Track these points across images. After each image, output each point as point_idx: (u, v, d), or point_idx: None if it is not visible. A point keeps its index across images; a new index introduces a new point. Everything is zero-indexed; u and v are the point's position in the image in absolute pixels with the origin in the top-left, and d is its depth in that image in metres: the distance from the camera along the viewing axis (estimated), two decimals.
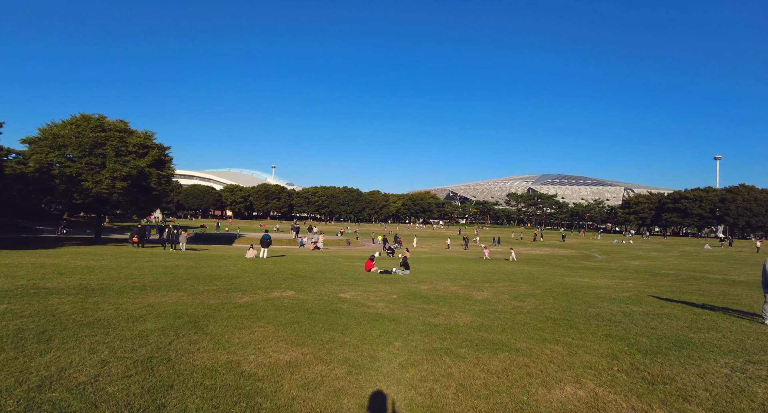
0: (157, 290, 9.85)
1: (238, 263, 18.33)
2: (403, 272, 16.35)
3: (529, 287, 13.28)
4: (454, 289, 12.21)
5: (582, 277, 17.28)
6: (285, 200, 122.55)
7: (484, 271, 19.08)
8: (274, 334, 6.15)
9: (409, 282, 13.56)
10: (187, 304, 8.22)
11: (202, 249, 27.37)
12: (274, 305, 8.40)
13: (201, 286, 10.90)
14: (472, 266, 21.87)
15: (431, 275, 15.99)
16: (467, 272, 17.92)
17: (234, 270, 15.39)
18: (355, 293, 10.48)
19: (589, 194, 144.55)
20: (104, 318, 6.68)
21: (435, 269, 19.61)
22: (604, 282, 15.43)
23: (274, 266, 17.46)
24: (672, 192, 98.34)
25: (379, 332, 6.50)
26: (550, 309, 9.07)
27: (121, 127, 28.81)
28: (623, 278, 17.31)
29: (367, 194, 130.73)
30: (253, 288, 10.87)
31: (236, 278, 12.90)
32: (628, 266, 26.55)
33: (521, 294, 11.40)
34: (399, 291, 11.20)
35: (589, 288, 13.37)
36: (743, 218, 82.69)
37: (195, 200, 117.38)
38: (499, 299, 10.49)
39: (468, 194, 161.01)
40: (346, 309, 8.23)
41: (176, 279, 12.09)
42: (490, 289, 12.37)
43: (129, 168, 26.80)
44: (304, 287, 11.45)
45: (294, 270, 16.09)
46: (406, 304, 9.12)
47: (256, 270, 15.64)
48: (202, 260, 18.97)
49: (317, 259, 23.33)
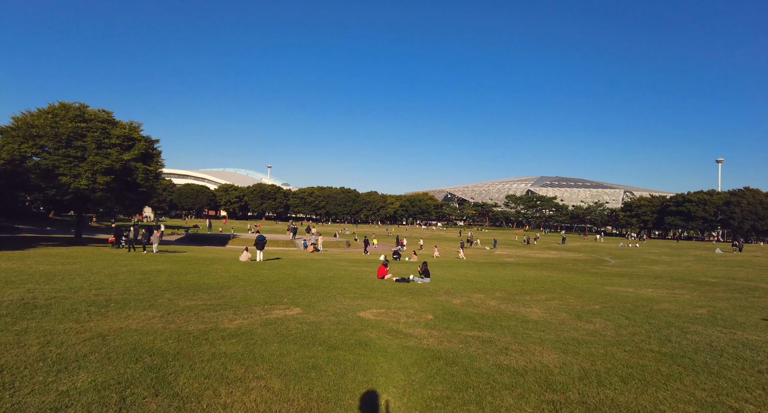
0: (122, 308, 7.54)
1: (230, 268, 16.01)
2: (422, 280, 14.10)
3: (578, 300, 11.09)
4: (493, 303, 10.00)
5: (621, 286, 15.12)
6: (281, 200, 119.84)
7: (508, 278, 16.88)
8: (282, 397, 3.89)
9: (435, 294, 11.32)
10: (156, 332, 5.93)
11: (180, 251, 24.86)
12: (277, 334, 6.12)
13: (182, 300, 8.60)
14: (491, 272, 19.66)
15: (454, 284, 13.76)
16: (492, 280, 15.70)
17: (226, 277, 13.07)
18: (379, 312, 8.22)
19: (587, 196, 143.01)
20: (13, 364, 4.36)
21: (452, 275, 17.39)
22: (654, 293, 13.28)
23: (272, 273, 15.16)
24: (675, 195, 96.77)
25: (442, 387, 4.26)
26: (644, 338, 6.86)
27: (103, 117, 26.33)
28: (669, 287, 15.16)
29: (365, 195, 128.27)
30: (247, 303, 8.59)
31: (228, 289, 10.60)
32: (653, 272, 24.49)
33: (580, 312, 9.19)
34: (431, 308, 8.96)
35: (646, 302, 11.20)
36: (748, 222, 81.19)
37: (188, 199, 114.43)
38: (560, 319, 8.28)
39: (466, 196, 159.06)
40: (376, 341, 5.97)
41: (153, 290, 9.77)
42: (536, 304, 10.17)
43: (111, 161, 24.34)
44: (312, 301, 9.18)
45: (296, 277, 13.79)
46: (453, 330, 6.88)
47: (252, 277, 13.33)
48: (189, 265, 16.63)
49: (319, 263, 21.05)
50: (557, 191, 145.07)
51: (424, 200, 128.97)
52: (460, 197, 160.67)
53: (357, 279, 14.20)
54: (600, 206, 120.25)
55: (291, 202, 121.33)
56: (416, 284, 13.37)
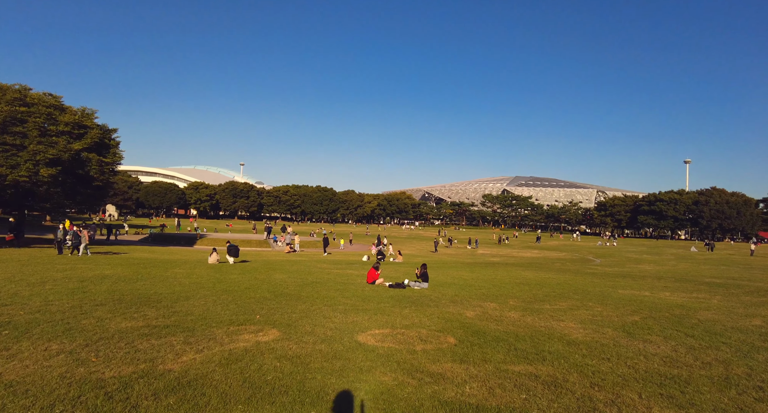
0: (18, 337, 5.28)
1: (193, 273, 13.65)
2: (420, 285, 12.19)
3: (606, 308, 9.43)
4: (515, 316, 8.19)
5: (633, 289, 13.64)
6: (254, 199, 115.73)
7: (509, 281, 15.20)
8: None
9: (440, 303, 9.43)
10: (43, 385, 3.75)
11: (122, 252, 22.09)
12: (245, 382, 4.06)
13: (116, 321, 6.38)
14: (487, 274, 17.97)
15: (456, 290, 11.92)
16: (493, 284, 13.96)
17: (185, 285, 10.77)
18: (383, 333, 6.26)
19: (562, 196, 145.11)
20: None
21: (447, 278, 15.57)
22: (676, 297, 11.83)
23: (243, 278, 12.91)
24: (647, 195, 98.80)
25: None
26: (746, 371, 5.15)
27: (49, 101, 23.19)
28: (684, 290, 13.78)
29: (342, 194, 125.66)
30: (207, 323, 6.46)
31: (185, 301, 8.38)
32: (647, 272, 23.49)
33: (625, 326, 7.49)
34: (446, 325, 7.06)
35: (682, 310, 9.68)
36: (716, 221, 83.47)
37: (156, 198, 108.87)
38: (611, 339, 6.53)
39: (443, 195, 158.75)
40: (397, 392, 3.99)
41: (82, 306, 7.46)
42: (564, 315, 8.42)
43: (58, 151, 21.35)
44: (292, 318, 7.11)
45: (272, 284, 11.62)
46: (494, 365, 4.97)
47: (218, 284, 11.08)
48: (145, 269, 14.16)
49: (297, 265, 18.86)
50: (532, 191, 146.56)
51: (402, 200, 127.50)
52: (437, 197, 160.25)
53: (344, 285, 12.15)
54: (575, 206, 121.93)
55: (265, 201, 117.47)
56: (413, 291, 11.45)
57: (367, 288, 11.68)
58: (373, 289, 11.56)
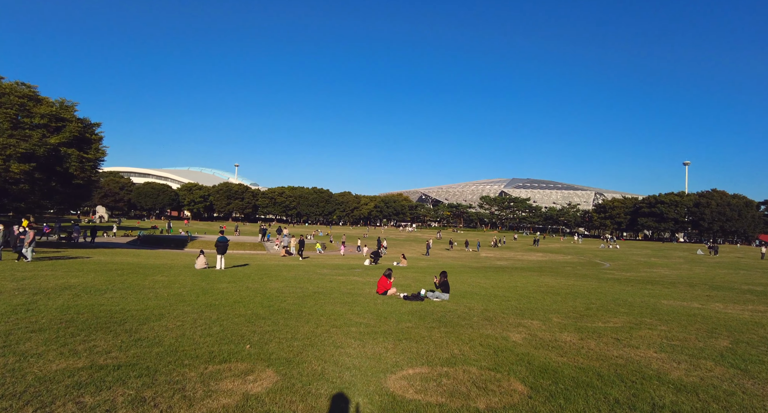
0: None
1: (176, 281, 11.83)
2: (440, 297, 10.45)
3: (675, 328, 7.74)
4: (573, 340, 6.50)
5: (678, 299, 11.99)
6: (249, 200, 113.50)
7: (534, 289, 13.52)
8: None
9: (471, 322, 7.69)
10: None
11: (81, 257, 20.27)
12: None
13: (49, 357, 4.58)
14: (505, 281, 16.28)
15: (482, 303, 10.19)
16: (520, 294, 12.25)
17: (163, 297, 8.96)
18: (419, 375, 4.52)
19: (559, 198, 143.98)
20: None
21: (465, 286, 13.83)
22: (736, 311, 10.17)
23: (233, 288, 11.11)
24: (647, 197, 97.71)
25: None
26: None
27: (23, 91, 21.26)
28: (733, 301, 12.15)
29: (338, 196, 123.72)
30: (177, 360, 4.69)
31: (156, 322, 6.60)
32: (668, 277, 21.99)
33: (724, 357, 5.81)
34: (498, 360, 5.32)
35: (756, 327, 8.03)
36: (717, 223, 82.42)
37: (148, 199, 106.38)
38: (731, 381, 4.84)
39: (440, 197, 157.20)
40: None
41: (16, 329, 5.66)
42: (634, 340, 6.72)
43: (32, 145, 19.44)
44: (294, 351, 5.35)
45: (267, 296, 9.82)
46: None
47: (202, 297, 9.28)
48: (120, 276, 12.33)
49: (294, 270, 17.09)
50: (529, 193, 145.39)
51: (399, 201, 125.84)
52: (434, 198, 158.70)
53: (352, 296, 10.39)
54: (573, 208, 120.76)
55: (260, 202, 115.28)
56: (434, 304, 9.71)
57: (379, 300, 9.92)
58: (387, 301, 9.80)
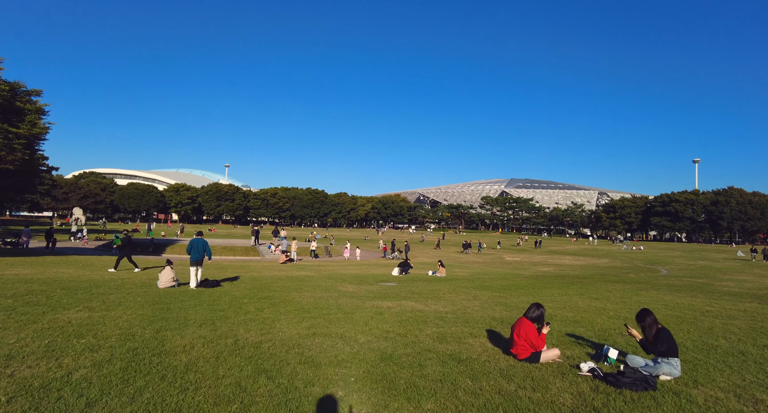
0: None
1: (106, 319, 6.43)
2: (666, 371, 5.17)
3: None
4: None
5: None
6: (240, 202, 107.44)
7: (695, 324, 8.34)
8: None
9: None
10: None
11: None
12: None
13: None
14: (618, 299, 11.06)
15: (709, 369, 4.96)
16: (710, 331, 7.06)
17: (48, 374, 3.61)
18: None
19: (561, 198, 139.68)
20: None
21: (592, 315, 8.59)
22: None
23: (207, 335, 5.74)
24: (659, 195, 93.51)
25: None
26: None
27: None
28: None
29: (334, 197, 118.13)
30: None
31: None
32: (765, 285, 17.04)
33: None
34: None
35: None
36: (738, 222, 78.30)
37: (132, 200, 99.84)
38: None
39: (439, 198, 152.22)
40: None
41: None
42: None
43: None
44: None
45: (269, 358, 4.47)
46: None
47: (141, 367, 3.93)
48: (23, 306, 6.90)
49: (304, 288, 11.69)
50: (530, 193, 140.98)
51: (397, 202, 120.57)
52: (432, 199, 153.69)
53: (461, 364, 5.04)
54: (579, 208, 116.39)
55: (252, 204, 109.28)
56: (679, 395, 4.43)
57: (538, 386, 4.57)
58: (556, 392, 4.46)
